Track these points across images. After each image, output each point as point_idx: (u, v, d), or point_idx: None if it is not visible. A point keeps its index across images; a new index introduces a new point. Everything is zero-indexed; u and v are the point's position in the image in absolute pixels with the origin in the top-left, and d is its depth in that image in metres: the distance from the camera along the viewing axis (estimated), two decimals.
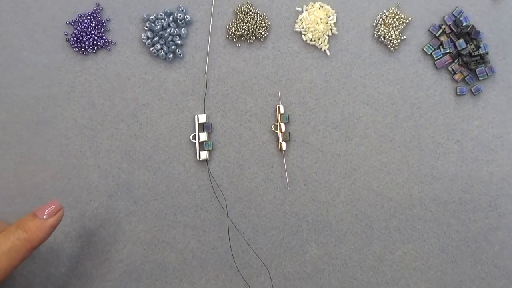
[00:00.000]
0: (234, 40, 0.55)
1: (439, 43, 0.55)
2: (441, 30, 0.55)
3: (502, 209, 0.53)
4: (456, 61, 0.55)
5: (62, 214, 0.43)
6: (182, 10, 0.55)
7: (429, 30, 0.56)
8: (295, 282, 0.53)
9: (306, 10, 0.55)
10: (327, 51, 0.54)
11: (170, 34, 0.54)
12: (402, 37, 0.55)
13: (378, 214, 0.54)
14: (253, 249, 0.54)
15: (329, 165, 0.54)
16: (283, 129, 0.53)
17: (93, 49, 0.55)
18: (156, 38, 0.54)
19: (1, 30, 0.54)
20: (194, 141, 0.53)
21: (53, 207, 0.43)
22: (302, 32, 0.55)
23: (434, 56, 0.55)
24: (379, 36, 0.54)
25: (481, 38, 0.55)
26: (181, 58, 0.55)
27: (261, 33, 0.54)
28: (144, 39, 0.55)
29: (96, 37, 0.54)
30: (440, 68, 0.55)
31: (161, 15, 0.54)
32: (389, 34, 0.54)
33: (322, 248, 0.53)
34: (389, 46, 0.55)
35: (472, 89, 0.55)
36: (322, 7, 0.54)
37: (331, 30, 0.55)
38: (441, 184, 0.54)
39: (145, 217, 0.54)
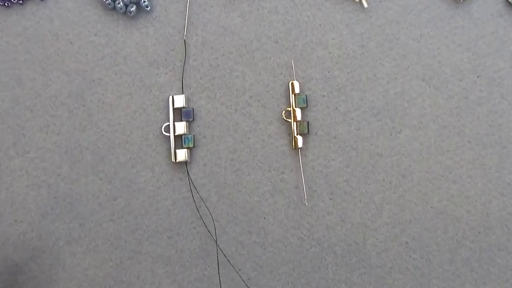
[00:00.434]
0: None
1: None
2: None
3: None
4: None
5: None
6: None
7: None
8: None
9: None
10: (364, 2, 0.47)
11: None
12: None
13: (439, 242, 0.46)
14: None
15: (366, 170, 0.47)
16: (298, 117, 0.46)
17: None
18: None
19: None
20: (167, 134, 0.46)
21: None
22: None
23: None
24: None
25: None
26: (148, 12, 0.47)
27: None
28: None
29: None
30: None
31: None
32: None
33: None
34: None
35: None
36: None
37: None
38: None
39: (95, 247, 0.47)
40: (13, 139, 0.47)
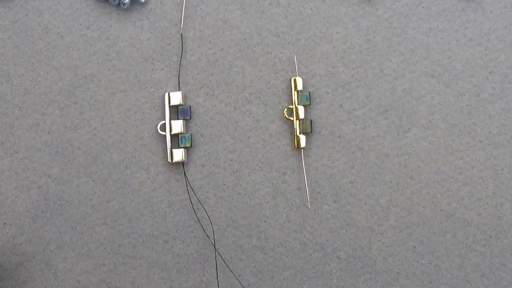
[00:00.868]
0: None
1: None
2: None
3: None
4: None
5: None
6: None
7: None
8: None
9: None
10: None
11: None
12: None
13: (448, 247, 0.46)
14: None
15: (372, 171, 0.46)
16: (301, 115, 0.46)
17: None
18: None
19: None
20: (163, 133, 0.46)
21: None
22: None
23: None
24: None
25: None
26: (143, 4, 0.47)
27: None
28: None
29: None
30: None
31: None
32: None
33: None
34: None
35: None
36: None
37: None
38: None
39: (88, 251, 0.47)
40: (1, 138, 0.46)
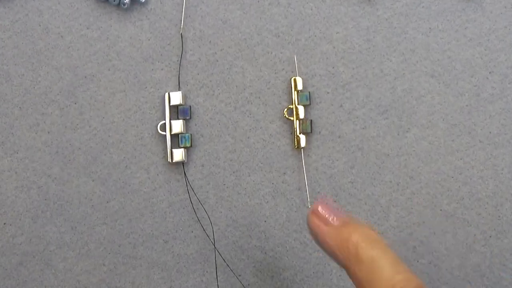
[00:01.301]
0: None
1: None
2: None
3: None
4: None
5: None
6: None
7: None
8: None
9: None
10: None
11: None
12: None
13: (448, 247, 0.46)
14: None
15: (372, 171, 0.46)
16: (301, 115, 0.46)
17: None
18: None
19: None
20: (163, 133, 0.46)
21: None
22: None
23: None
24: None
25: None
26: (143, 4, 0.47)
27: None
28: None
29: None
30: None
31: None
32: None
33: None
34: None
35: None
36: None
37: None
38: None
39: (88, 251, 0.46)
40: (1, 138, 0.46)
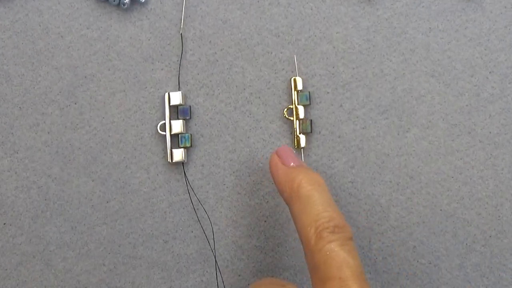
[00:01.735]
0: None
1: None
2: None
3: None
4: None
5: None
6: None
7: None
8: None
9: None
10: None
11: None
12: None
13: (448, 247, 0.46)
14: None
15: (372, 170, 0.46)
16: (301, 115, 0.46)
17: None
18: None
19: None
20: (163, 133, 0.46)
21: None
22: None
23: None
24: None
25: None
26: (143, 4, 0.47)
27: None
28: None
29: None
30: None
31: None
32: None
33: None
34: None
35: None
36: None
37: None
38: None
39: (88, 251, 0.46)
40: (0, 138, 0.45)
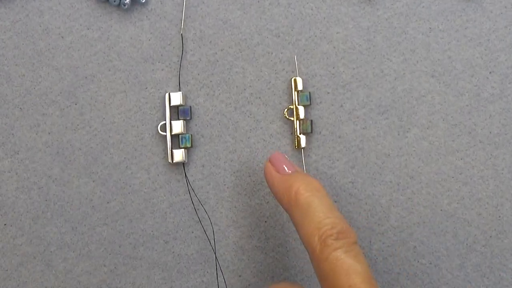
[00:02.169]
0: None
1: None
2: None
3: None
4: None
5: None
6: None
7: None
8: None
9: None
10: None
11: None
12: None
13: (448, 247, 0.45)
14: None
15: (372, 171, 0.46)
16: (301, 115, 0.45)
17: None
18: None
19: None
20: (163, 133, 0.45)
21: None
22: None
23: None
24: None
25: None
26: (143, 5, 0.46)
27: None
28: None
29: None
30: None
31: None
32: None
33: None
34: None
35: None
36: None
37: None
38: None
39: (88, 252, 0.46)
40: (1, 139, 0.45)
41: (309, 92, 0.44)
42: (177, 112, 0.45)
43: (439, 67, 0.45)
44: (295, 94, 0.44)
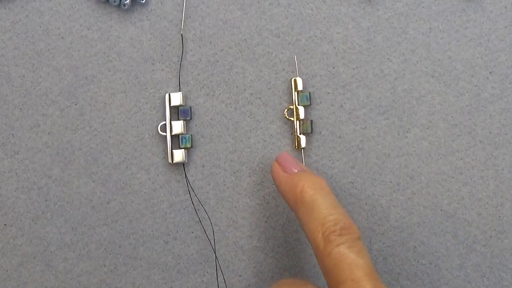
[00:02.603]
0: None
1: None
2: None
3: None
4: None
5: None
6: None
7: None
8: None
9: None
10: None
11: None
12: None
13: (448, 247, 0.45)
14: None
15: (372, 171, 0.45)
16: (301, 116, 0.45)
17: None
18: None
19: None
20: (163, 134, 0.45)
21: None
22: None
23: None
24: None
25: None
26: (143, 5, 0.46)
27: None
28: None
29: None
30: None
31: None
32: None
33: None
34: None
35: None
36: None
37: None
38: None
39: (88, 252, 0.45)
40: (1, 139, 0.45)
41: (309, 92, 0.44)
42: (177, 112, 0.44)
43: (439, 67, 0.44)
44: (295, 94, 0.44)
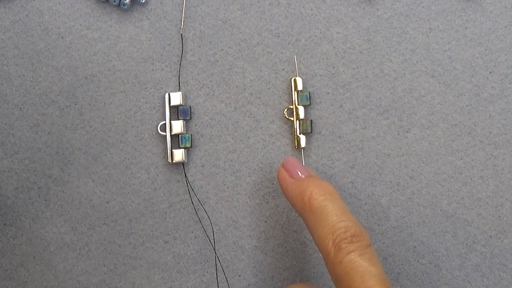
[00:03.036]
0: None
1: None
2: None
3: None
4: None
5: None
6: None
7: None
8: None
9: None
10: None
11: None
12: None
13: (448, 247, 0.45)
14: None
15: (372, 171, 0.45)
16: (301, 115, 0.45)
17: None
18: None
19: None
20: (163, 133, 0.45)
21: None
22: None
23: None
24: None
25: None
26: (143, 5, 0.46)
27: None
28: None
29: None
30: None
31: None
32: None
33: None
34: None
35: None
36: None
37: None
38: None
39: (88, 252, 0.45)
40: (1, 139, 0.45)
41: (309, 92, 0.44)
42: (177, 112, 0.44)
43: (439, 67, 0.44)
44: (295, 94, 0.44)
